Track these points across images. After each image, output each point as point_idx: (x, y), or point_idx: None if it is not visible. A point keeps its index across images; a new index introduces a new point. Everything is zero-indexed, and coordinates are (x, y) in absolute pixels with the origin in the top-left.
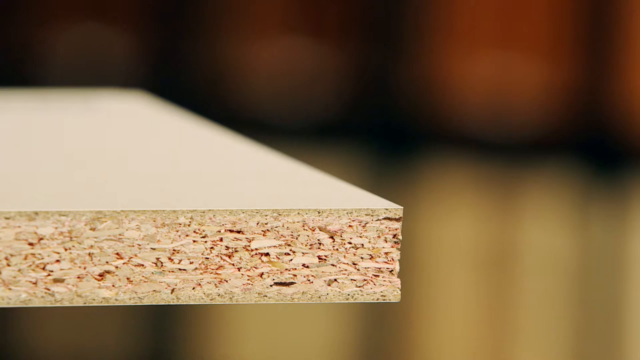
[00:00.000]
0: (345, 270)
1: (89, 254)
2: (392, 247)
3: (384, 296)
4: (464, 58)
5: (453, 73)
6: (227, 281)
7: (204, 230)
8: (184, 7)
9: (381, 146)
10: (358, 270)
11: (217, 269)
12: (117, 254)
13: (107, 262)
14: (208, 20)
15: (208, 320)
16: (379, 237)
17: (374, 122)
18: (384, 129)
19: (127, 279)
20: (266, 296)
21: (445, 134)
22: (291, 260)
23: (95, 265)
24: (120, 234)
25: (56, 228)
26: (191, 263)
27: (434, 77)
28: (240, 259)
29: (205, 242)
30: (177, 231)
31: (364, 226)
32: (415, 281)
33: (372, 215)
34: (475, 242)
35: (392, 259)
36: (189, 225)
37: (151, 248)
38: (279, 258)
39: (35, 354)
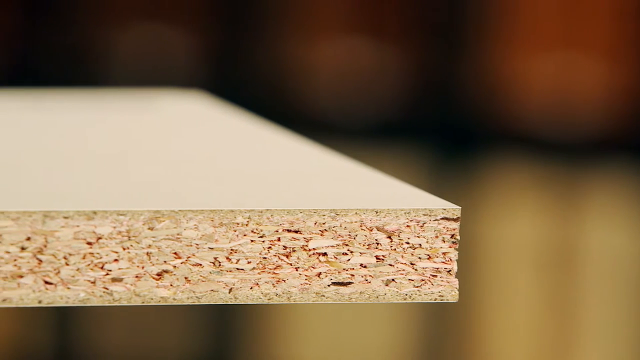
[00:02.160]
0: (403, 270)
1: (147, 253)
2: (450, 247)
3: (442, 296)
4: (526, 58)
5: (515, 73)
6: (284, 281)
7: (261, 230)
8: (245, 7)
9: (442, 146)
10: (416, 270)
11: (274, 268)
12: (175, 253)
13: (165, 262)
14: (270, 21)
15: (269, 320)
16: (436, 237)
17: (435, 122)
18: (445, 128)
19: (185, 278)
20: (324, 296)
21: (507, 133)
22: (349, 260)
23: (153, 265)
24: (178, 234)
25: (114, 227)
26: (249, 263)
27: (496, 77)
28: (298, 258)
29: (263, 241)
30: (235, 231)
31: (421, 226)
32: (477, 282)
33: (429, 215)
34: (536, 243)
35: (450, 259)
36: (246, 225)
37: (209, 248)
38: (336, 258)
39: (97, 354)
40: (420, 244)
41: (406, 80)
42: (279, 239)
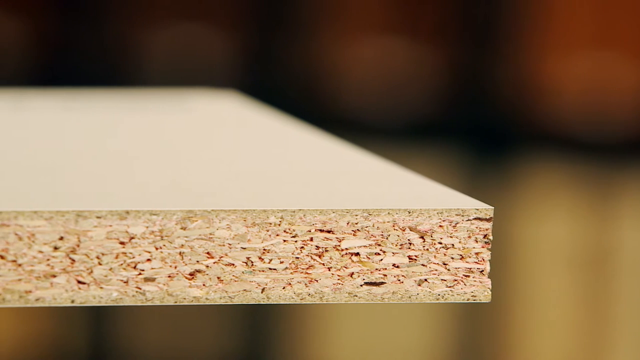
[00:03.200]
0: (436, 270)
1: (180, 253)
2: (483, 247)
3: (475, 296)
4: (560, 57)
5: (549, 73)
6: (317, 281)
7: (294, 230)
8: (280, 7)
9: (476, 146)
10: (448, 270)
11: (307, 268)
12: (208, 253)
13: (197, 262)
14: (304, 21)
15: (302, 320)
16: (469, 237)
17: (469, 121)
18: (479, 128)
19: (218, 278)
20: (356, 296)
21: (541, 134)
22: (381, 260)
23: (185, 265)
24: (210, 234)
25: (147, 227)
26: (281, 262)
27: (530, 77)
28: (331, 258)
29: (296, 241)
30: (268, 231)
31: (454, 226)
32: (511, 282)
33: (462, 216)
34: (571, 243)
35: (483, 259)
36: (279, 225)
37: (242, 247)
38: (369, 258)
39: (132, 353)
40: (452, 244)
41: (440, 80)
42: (311, 239)
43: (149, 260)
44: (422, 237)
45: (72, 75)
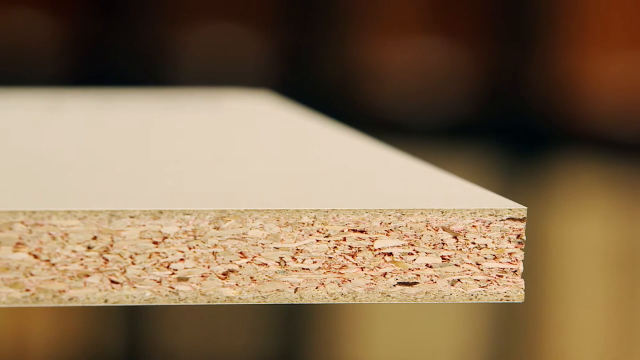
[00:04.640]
0: (469, 270)
1: (213, 252)
2: (516, 247)
3: (508, 296)
4: (597, 57)
5: (586, 72)
6: (350, 281)
7: (327, 230)
8: (315, 6)
9: (512, 146)
10: (481, 270)
11: (340, 268)
12: (241, 253)
13: (230, 261)
14: (339, 20)
15: (336, 320)
16: (502, 237)
17: (505, 121)
18: (515, 128)
19: (251, 278)
20: (389, 296)
21: (576, 133)
22: (414, 260)
23: (219, 264)
24: (244, 233)
25: (180, 227)
26: (314, 262)
27: (567, 77)
28: (364, 258)
29: (329, 241)
30: (301, 230)
31: (487, 226)
32: (545, 283)
33: (495, 216)
34: (605, 243)
35: (516, 260)
36: (312, 225)
37: (275, 247)
38: (402, 258)
39: (166, 353)
40: (486, 244)
41: (476, 80)
42: (344, 239)
43: (182, 260)
44: (455, 237)
45: (106, 75)
